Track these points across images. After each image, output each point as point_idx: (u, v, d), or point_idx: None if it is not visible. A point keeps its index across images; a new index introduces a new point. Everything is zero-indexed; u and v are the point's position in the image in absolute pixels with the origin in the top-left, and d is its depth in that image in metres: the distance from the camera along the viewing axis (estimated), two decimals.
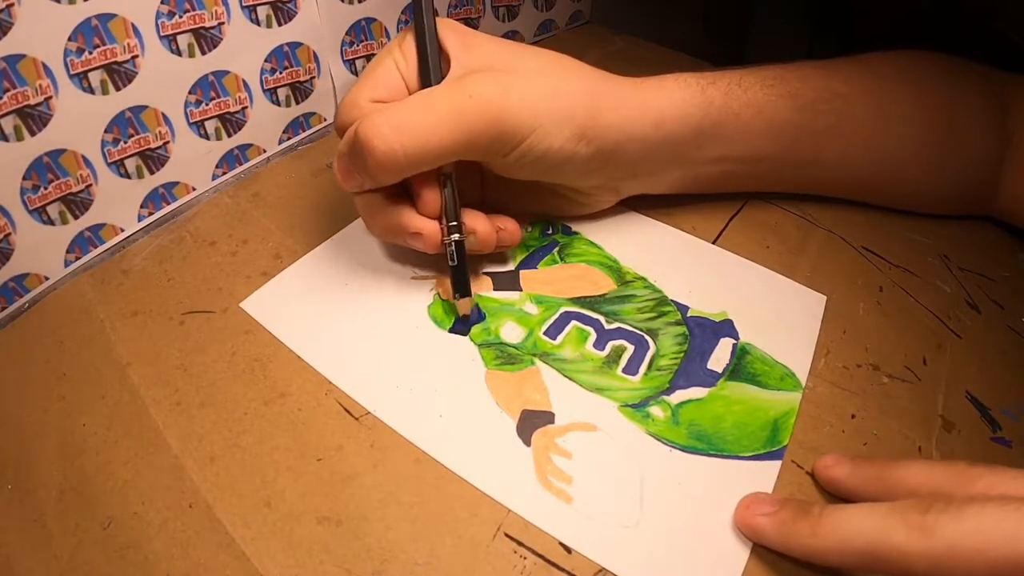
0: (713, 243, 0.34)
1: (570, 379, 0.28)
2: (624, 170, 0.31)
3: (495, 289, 0.31)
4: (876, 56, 0.34)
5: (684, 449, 0.25)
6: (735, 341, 0.29)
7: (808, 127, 0.31)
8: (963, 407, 0.28)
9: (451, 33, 0.28)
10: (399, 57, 0.28)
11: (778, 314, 0.31)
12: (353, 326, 0.29)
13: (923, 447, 0.26)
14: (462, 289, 0.28)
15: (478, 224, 0.28)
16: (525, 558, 0.22)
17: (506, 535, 0.23)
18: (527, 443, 0.25)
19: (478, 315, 0.30)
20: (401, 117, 0.24)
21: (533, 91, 0.26)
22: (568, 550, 0.22)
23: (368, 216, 0.29)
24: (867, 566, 0.19)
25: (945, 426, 0.27)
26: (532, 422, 0.26)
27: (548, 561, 0.22)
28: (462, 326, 0.29)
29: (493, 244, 0.29)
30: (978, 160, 0.34)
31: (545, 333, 0.29)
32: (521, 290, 0.31)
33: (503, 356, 0.28)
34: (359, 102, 0.27)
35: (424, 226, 0.27)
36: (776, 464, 0.25)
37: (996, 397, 0.28)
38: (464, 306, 0.29)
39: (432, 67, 0.27)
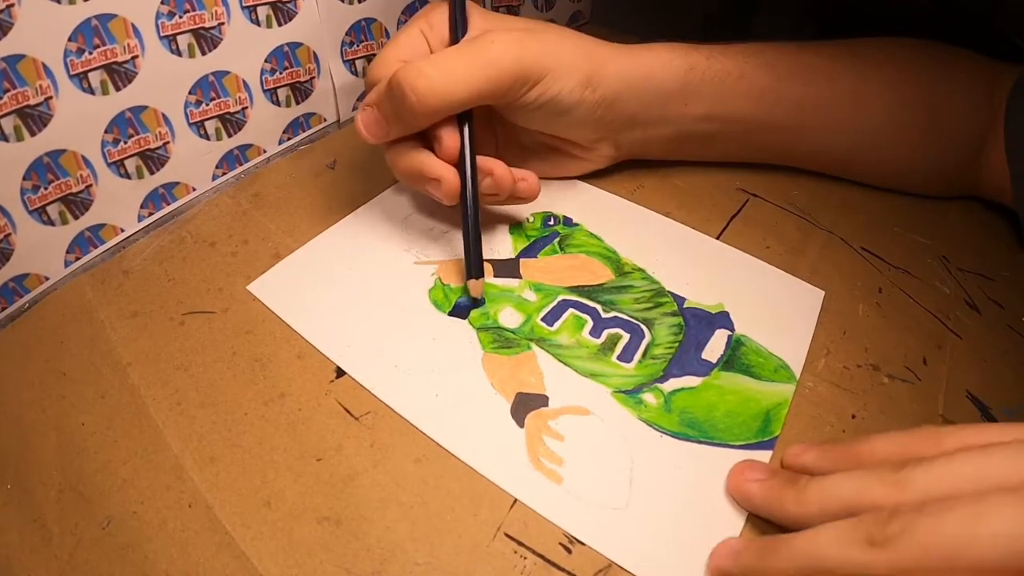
0: None
1: (565, 364, 0.28)
2: (621, 119, 0.33)
3: (495, 276, 0.31)
4: (863, 39, 0.36)
5: (675, 435, 0.26)
6: (730, 332, 0.29)
7: (787, 95, 0.34)
8: (964, 407, 0.28)
9: (475, 8, 0.32)
10: (425, 26, 0.31)
11: (775, 307, 0.31)
12: (356, 308, 0.30)
13: None
14: (475, 270, 0.29)
15: (495, 167, 0.30)
16: (525, 558, 0.22)
17: (506, 535, 0.23)
18: (520, 424, 0.26)
19: (478, 299, 0.30)
20: (440, 60, 0.28)
21: (545, 42, 0.30)
22: (568, 550, 0.22)
23: (393, 160, 0.31)
24: None
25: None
26: (526, 404, 0.26)
27: (548, 561, 0.22)
28: (461, 310, 0.30)
29: (509, 188, 0.31)
30: (963, 144, 0.35)
31: (543, 319, 0.30)
32: (521, 278, 0.31)
33: (500, 340, 0.29)
34: (389, 60, 0.30)
35: (444, 173, 0.29)
36: (767, 454, 0.25)
37: (997, 397, 0.28)
38: (476, 288, 0.29)
39: (462, 28, 0.31)
